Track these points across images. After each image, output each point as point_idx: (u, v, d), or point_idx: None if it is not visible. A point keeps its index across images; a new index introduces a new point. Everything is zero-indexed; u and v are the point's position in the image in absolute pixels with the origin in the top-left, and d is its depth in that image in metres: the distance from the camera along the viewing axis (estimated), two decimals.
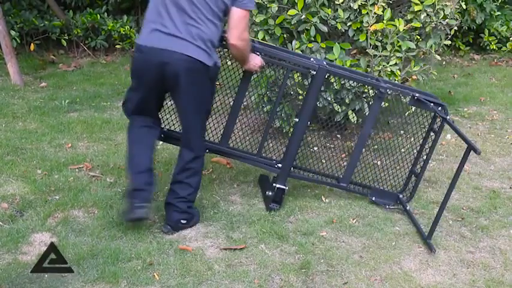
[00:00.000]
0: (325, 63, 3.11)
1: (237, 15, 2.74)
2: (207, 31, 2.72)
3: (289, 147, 3.16)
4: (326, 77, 3.11)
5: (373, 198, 3.30)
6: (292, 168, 3.24)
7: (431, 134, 3.29)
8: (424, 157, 3.29)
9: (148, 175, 2.88)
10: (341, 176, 3.31)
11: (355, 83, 3.45)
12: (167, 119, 3.26)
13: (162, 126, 3.15)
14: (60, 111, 4.50)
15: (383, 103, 3.45)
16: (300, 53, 3.42)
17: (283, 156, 3.23)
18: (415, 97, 3.12)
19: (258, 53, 3.02)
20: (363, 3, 3.45)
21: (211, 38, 2.74)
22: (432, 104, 3.12)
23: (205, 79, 2.80)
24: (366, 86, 3.48)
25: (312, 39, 3.53)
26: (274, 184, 3.16)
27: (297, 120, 3.13)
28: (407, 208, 3.23)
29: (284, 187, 3.15)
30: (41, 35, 5.90)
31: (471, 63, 6.57)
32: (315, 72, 3.03)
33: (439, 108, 3.13)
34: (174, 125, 3.30)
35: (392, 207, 3.29)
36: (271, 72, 3.60)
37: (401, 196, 3.34)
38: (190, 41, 2.70)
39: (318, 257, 2.79)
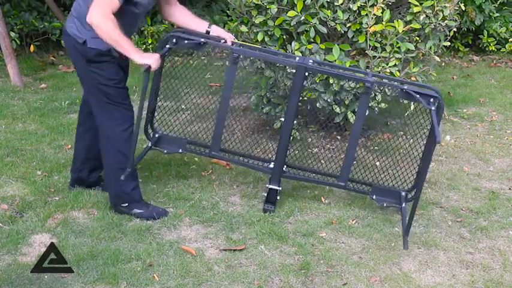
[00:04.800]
0: (311, 61, 3.07)
1: None
2: (76, 7, 2.85)
3: (279, 147, 3.16)
4: (307, 74, 3.06)
5: (374, 197, 3.22)
6: (288, 169, 3.24)
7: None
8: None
9: None
10: (338, 175, 3.26)
11: (354, 83, 3.45)
12: (163, 120, 3.29)
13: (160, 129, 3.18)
14: (60, 112, 4.51)
15: (383, 104, 3.46)
16: (283, 52, 3.42)
17: (275, 157, 3.22)
18: (404, 90, 3.00)
19: (236, 55, 3.00)
20: (362, 4, 3.45)
21: (78, 16, 2.83)
22: (419, 95, 2.97)
23: (79, 55, 2.86)
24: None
25: (312, 40, 3.53)
26: (267, 185, 3.16)
27: (283, 120, 3.11)
28: (403, 206, 3.12)
29: (277, 188, 3.15)
30: (41, 36, 5.89)
31: (470, 64, 6.57)
32: (294, 71, 3.02)
33: (431, 99, 2.97)
34: (169, 126, 3.33)
35: (390, 205, 3.20)
36: (271, 74, 3.62)
37: (403, 194, 3.22)
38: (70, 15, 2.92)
39: (318, 258, 2.79)
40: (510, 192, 3.57)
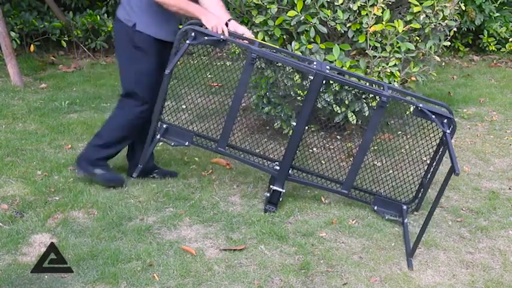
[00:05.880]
0: (327, 67, 3.07)
1: None
2: None
3: (287, 151, 3.15)
4: (324, 82, 3.07)
5: (375, 208, 3.22)
6: (292, 170, 3.23)
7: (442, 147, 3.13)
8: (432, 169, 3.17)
9: None
10: (342, 181, 3.25)
11: None
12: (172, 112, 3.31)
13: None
14: (60, 112, 4.51)
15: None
16: (300, 54, 3.42)
17: (282, 159, 3.22)
18: (419, 108, 3.00)
19: (254, 55, 2.96)
20: (362, 4, 3.46)
21: (127, 2, 3.05)
22: (434, 115, 2.98)
23: (128, 40, 3.03)
24: None
25: (312, 40, 3.53)
26: (270, 186, 3.16)
27: (294, 124, 3.11)
28: (405, 221, 3.12)
29: (281, 190, 3.15)
30: (41, 36, 5.90)
31: (470, 64, 6.58)
32: (312, 78, 3.00)
33: (445, 120, 2.99)
34: (175, 121, 3.33)
35: (392, 217, 3.19)
36: (272, 73, 3.61)
37: (404, 207, 3.23)
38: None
39: (318, 258, 2.79)
40: (510, 192, 3.57)
